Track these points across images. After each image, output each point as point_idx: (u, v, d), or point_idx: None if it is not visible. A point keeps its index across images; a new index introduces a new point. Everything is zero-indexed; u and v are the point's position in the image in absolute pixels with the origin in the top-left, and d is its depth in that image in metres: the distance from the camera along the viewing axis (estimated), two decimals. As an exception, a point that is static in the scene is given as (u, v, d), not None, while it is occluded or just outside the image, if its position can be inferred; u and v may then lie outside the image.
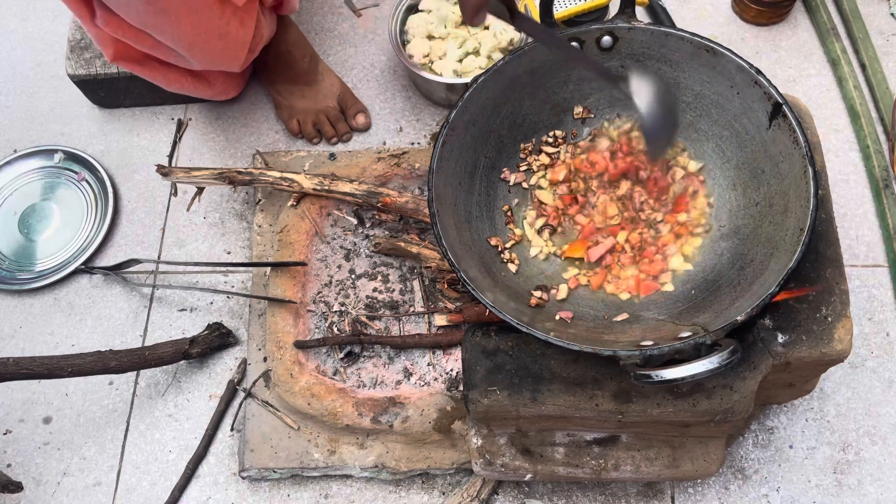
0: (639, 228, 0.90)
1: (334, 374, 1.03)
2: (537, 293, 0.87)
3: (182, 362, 1.10)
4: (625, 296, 0.87)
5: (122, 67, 1.10)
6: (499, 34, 1.18)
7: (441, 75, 1.18)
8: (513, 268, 0.90)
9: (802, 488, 1.00)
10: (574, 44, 0.88)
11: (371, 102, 1.28)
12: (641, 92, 0.79)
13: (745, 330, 0.79)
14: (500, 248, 0.91)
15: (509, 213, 0.93)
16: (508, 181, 0.94)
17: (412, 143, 1.24)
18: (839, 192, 1.17)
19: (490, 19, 1.19)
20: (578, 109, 0.95)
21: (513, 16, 0.77)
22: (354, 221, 1.12)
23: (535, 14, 1.16)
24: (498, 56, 1.18)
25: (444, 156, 0.85)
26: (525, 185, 0.95)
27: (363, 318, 1.06)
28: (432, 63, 1.21)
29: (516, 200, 0.95)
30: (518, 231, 0.93)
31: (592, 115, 0.95)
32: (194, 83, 1.15)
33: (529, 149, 0.95)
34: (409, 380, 1.02)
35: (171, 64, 1.08)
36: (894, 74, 1.24)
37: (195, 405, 1.09)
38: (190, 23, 0.94)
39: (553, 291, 0.88)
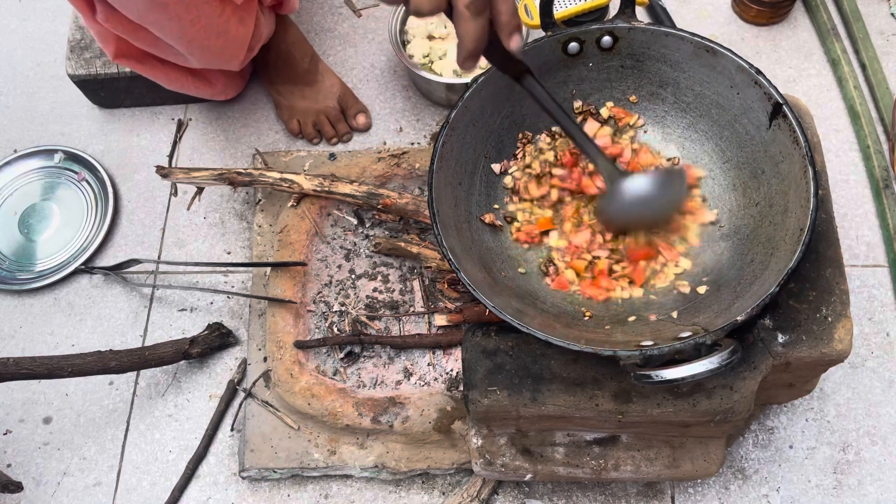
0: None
1: (334, 374, 1.03)
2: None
3: (182, 362, 1.10)
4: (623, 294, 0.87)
5: (123, 65, 1.10)
6: (499, 34, 1.18)
7: (441, 75, 1.18)
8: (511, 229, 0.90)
9: (802, 488, 1.00)
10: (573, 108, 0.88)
11: (371, 102, 1.28)
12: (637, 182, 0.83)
13: (745, 330, 0.79)
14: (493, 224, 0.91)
15: (508, 219, 0.93)
16: (506, 170, 0.93)
17: (412, 143, 1.24)
18: (839, 192, 1.17)
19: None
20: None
21: (519, 81, 0.77)
22: (354, 221, 1.12)
23: (536, 14, 1.16)
24: (498, 56, 1.18)
25: (444, 156, 0.85)
26: (515, 172, 0.94)
27: (363, 318, 1.06)
28: (432, 63, 1.21)
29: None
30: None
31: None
32: (195, 82, 1.15)
33: (530, 137, 0.94)
34: (409, 380, 1.02)
35: (172, 62, 1.08)
36: (894, 74, 1.25)
37: (195, 405, 1.09)
38: (189, 19, 0.95)
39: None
